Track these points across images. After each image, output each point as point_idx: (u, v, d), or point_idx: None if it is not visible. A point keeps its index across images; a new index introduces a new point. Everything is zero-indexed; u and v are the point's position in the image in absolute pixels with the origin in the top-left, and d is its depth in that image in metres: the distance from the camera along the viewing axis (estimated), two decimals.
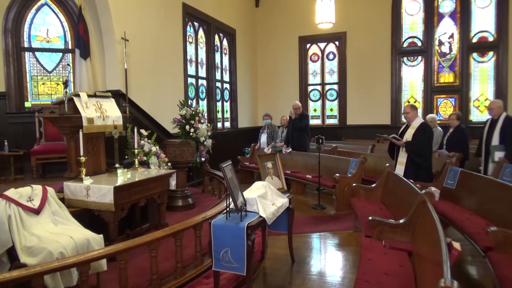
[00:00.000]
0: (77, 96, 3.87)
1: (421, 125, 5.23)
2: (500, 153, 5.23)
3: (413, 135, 5.20)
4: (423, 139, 5.16)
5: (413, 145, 5.17)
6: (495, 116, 5.45)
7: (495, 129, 5.37)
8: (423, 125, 5.24)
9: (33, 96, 6.12)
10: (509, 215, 3.41)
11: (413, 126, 5.28)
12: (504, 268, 2.70)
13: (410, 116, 5.35)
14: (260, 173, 4.22)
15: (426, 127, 5.26)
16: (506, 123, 5.30)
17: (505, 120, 5.33)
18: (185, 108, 5.76)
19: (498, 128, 5.33)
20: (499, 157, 5.23)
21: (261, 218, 3.18)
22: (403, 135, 5.35)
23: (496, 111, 5.44)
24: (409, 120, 5.37)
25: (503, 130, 5.28)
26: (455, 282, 1.59)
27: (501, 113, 5.40)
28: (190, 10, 8.17)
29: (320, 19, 8.43)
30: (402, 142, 5.27)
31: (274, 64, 11.81)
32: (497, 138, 5.32)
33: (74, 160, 3.91)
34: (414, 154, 5.17)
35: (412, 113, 5.34)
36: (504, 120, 5.33)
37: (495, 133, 5.36)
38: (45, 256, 2.63)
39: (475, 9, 10.00)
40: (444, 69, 10.42)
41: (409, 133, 5.27)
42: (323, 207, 6.30)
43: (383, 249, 3.14)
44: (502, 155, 5.19)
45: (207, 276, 3.44)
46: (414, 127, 5.25)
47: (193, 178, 7.36)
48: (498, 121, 5.37)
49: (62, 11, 6.24)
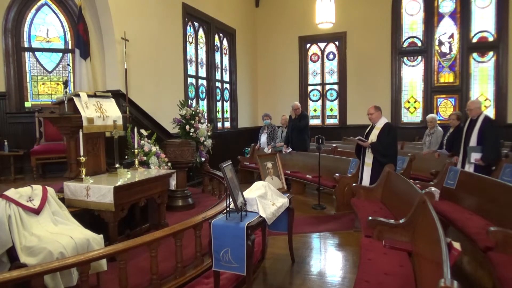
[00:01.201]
0: (77, 96, 3.87)
1: (385, 125, 5.31)
2: (477, 154, 5.19)
3: (378, 136, 5.27)
4: (387, 139, 5.24)
5: (378, 145, 5.23)
6: (474, 117, 5.35)
7: (473, 130, 5.29)
8: (387, 125, 5.33)
9: (33, 96, 6.12)
10: (509, 215, 3.41)
11: (378, 127, 5.35)
12: (504, 268, 2.69)
13: (374, 117, 5.41)
14: (260, 173, 4.22)
15: (390, 127, 5.34)
16: (484, 124, 5.22)
17: (483, 121, 5.24)
18: (185, 108, 5.76)
19: (477, 129, 5.25)
20: (475, 158, 5.19)
21: (261, 218, 3.18)
22: (369, 136, 5.41)
23: (475, 112, 5.34)
24: (374, 121, 5.44)
25: (481, 131, 5.20)
26: (455, 282, 1.59)
27: (480, 114, 5.31)
28: (190, 10, 8.17)
29: (320, 19, 8.44)
30: (368, 144, 5.31)
31: (274, 64, 11.81)
32: (475, 139, 5.24)
33: (74, 160, 3.91)
34: (380, 154, 5.23)
35: (376, 114, 5.41)
36: (482, 121, 5.24)
37: (473, 134, 5.27)
38: (45, 256, 2.63)
39: (475, 9, 10.00)
40: (444, 69, 10.42)
41: (374, 134, 5.34)
42: (323, 207, 6.30)
43: (383, 249, 3.14)
44: (479, 156, 5.15)
45: (207, 276, 3.44)
46: (379, 128, 5.32)
47: (193, 178, 7.36)
48: (477, 121, 5.28)
49: (62, 11, 6.24)
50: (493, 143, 5.14)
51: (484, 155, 5.10)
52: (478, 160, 5.13)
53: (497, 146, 5.29)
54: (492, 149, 5.10)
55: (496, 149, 5.21)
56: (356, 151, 5.73)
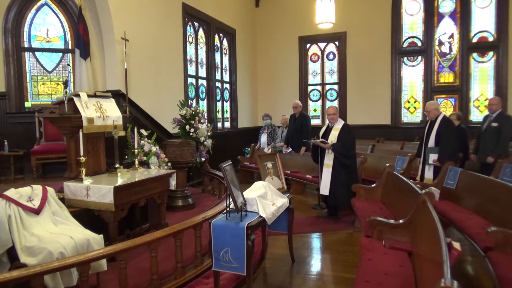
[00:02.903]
0: (77, 96, 3.87)
1: (343, 126, 5.45)
2: (434, 155, 5.23)
3: (338, 137, 5.36)
4: (349, 140, 5.38)
5: (341, 147, 5.32)
6: (432, 118, 5.39)
7: (432, 131, 5.33)
8: (345, 126, 5.47)
9: (33, 96, 6.12)
10: (509, 215, 3.41)
11: (336, 127, 5.48)
12: (504, 268, 2.69)
13: (335, 118, 5.53)
14: (260, 173, 4.22)
15: (349, 128, 5.47)
16: (441, 125, 5.25)
17: (441, 122, 5.28)
18: (185, 108, 5.76)
19: (435, 130, 5.29)
20: (433, 159, 5.23)
21: (261, 218, 3.18)
22: (327, 137, 5.49)
23: (433, 113, 5.38)
24: (333, 122, 5.54)
25: (438, 132, 5.24)
26: (455, 282, 1.58)
27: (438, 115, 5.35)
28: (190, 10, 8.17)
29: (320, 19, 8.43)
30: (329, 145, 5.36)
31: (274, 64, 11.81)
32: (433, 140, 5.28)
33: (74, 160, 3.91)
34: (343, 156, 5.32)
35: (337, 115, 5.55)
36: (440, 122, 5.28)
37: (431, 135, 5.31)
38: (45, 256, 2.63)
39: (475, 9, 9.99)
40: (444, 69, 10.42)
41: (333, 135, 5.43)
42: (323, 207, 6.30)
43: (383, 249, 3.14)
44: (436, 157, 5.19)
45: (207, 276, 3.44)
46: (338, 129, 5.44)
47: (193, 178, 7.36)
48: (435, 123, 5.32)
49: (62, 11, 6.24)
50: (449, 144, 5.18)
51: (440, 155, 5.16)
52: (436, 161, 5.19)
53: (454, 147, 5.30)
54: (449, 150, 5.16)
55: (453, 150, 5.25)
56: (313, 154, 5.78)
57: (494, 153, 5.57)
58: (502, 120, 5.64)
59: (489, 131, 5.75)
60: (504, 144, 5.58)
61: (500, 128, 5.58)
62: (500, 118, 5.67)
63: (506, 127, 5.57)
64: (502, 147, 5.56)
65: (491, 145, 5.64)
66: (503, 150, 5.58)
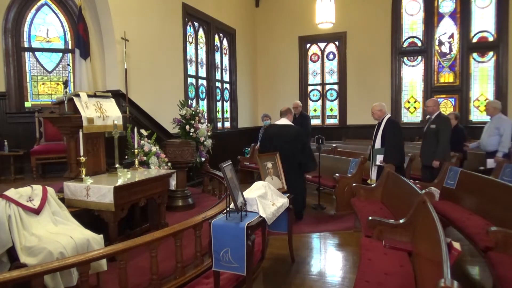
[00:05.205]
0: (77, 96, 3.87)
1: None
2: (381, 156, 5.23)
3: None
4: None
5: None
6: (378, 119, 5.41)
7: (378, 133, 5.33)
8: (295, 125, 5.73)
9: (33, 96, 6.12)
10: (509, 215, 3.41)
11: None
12: (504, 268, 2.69)
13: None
14: (260, 173, 4.22)
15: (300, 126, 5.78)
16: (386, 126, 5.27)
17: (386, 123, 5.29)
18: (185, 108, 5.76)
19: (380, 131, 5.31)
20: (380, 160, 5.23)
21: (261, 218, 3.18)
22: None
23: (377, 115, 5.40)
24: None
25: (383, 133, 5.26)
26: (455, 282, 1.59)
27: (383, 116, 5.36)
28: (190, 10, 8.17)
29: (320, 19, 8.43)
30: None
31: (274, 64, 11.80)
32: (379, 141, 5.29)
33: (74, 160, 3.91)
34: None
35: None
36: (385, 123, 5.29)
37: (377, 136, 5.32)
38: (45, 256, 2.63)
39: (475, 9, 10.00)
40: (444, 69, 10.42)
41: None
42: (323, 207, 6.30)
43: (383, 249, 3.13)
44: (382, 158, 5.19)
45: (207, 276, 3.44)
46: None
47: (193, 178, 7.36)
48: (381, 124, 5.33)
49: (62, 11, 6.24)
50: (394, 144, 5.18)
51: (385, 156, 5.18)
52: (382, 162, 5.20)
53: (399, 147, 5.29)
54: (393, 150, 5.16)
55: (398, 150, 5.23)
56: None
57: (437, 156, 5.38)
58: (439, 122, 5.48)
59: (428, 133, 5.60)
60: (443, 146, 5.38)
61: (438, 129, 5.41)
62: (438, 120, 5.52)
63: (443, 129, 5.40)
64: (442, 149, 5.37)
65: (432, 147, 5.46)
66: (444, 152, 5.40)
